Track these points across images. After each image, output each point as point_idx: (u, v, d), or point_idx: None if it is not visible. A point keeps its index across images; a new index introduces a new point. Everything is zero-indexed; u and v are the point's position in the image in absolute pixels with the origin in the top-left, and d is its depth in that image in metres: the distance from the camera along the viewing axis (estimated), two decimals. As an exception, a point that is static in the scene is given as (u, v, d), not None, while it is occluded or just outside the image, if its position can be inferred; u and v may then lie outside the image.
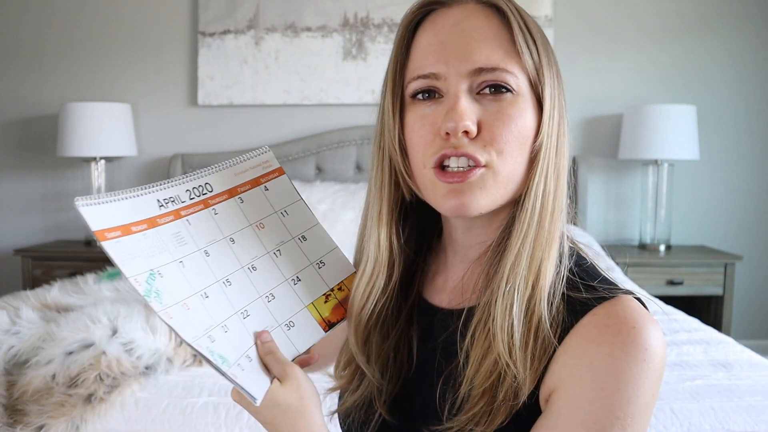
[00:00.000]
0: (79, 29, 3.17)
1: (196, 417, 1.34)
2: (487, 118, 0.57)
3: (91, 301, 1.81)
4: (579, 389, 0.53)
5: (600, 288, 0.57)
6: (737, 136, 3.02)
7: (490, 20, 0.58)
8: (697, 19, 2.98)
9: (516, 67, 0.57)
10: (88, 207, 0.55)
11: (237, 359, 0.58)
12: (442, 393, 0.60)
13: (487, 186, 0.57)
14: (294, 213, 0.70)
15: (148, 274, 0.56)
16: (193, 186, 0.64)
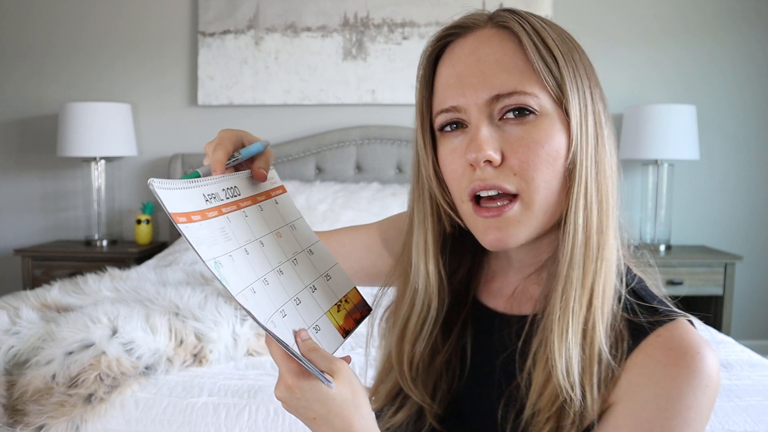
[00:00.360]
0: (79, 29, 3.17)
1: (196, 417, 1.34)
2: (512, 144, 0.56)
3: (91, 301, 1.80)
4: (640, 406, 0.54)
5: (660, 309, 0.57)
6: (737, 136, 3.02)
7: (504, 44, 0.57)
8: (697, 20, 2.98)
9: (535, 87, 0.55)
10: (164, 191, 0.56)
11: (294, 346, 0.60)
12: (504, 414, 0.60)
13: (523, 218, 0.57)
14: (300, 228, 0.73)
15: (214, 262, 0.57)
16: (227, 186, 0.65)
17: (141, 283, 2.00)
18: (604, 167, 0.57)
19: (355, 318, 0.70)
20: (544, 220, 0.58)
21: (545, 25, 0.58)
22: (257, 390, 1.40)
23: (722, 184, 3.03)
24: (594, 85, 0.58)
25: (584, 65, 0.58)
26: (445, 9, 3.04)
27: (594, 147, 0.57)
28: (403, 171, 3.06)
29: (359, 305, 0.73)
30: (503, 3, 3.01)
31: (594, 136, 0.57)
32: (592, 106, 0.57)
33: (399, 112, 3.11)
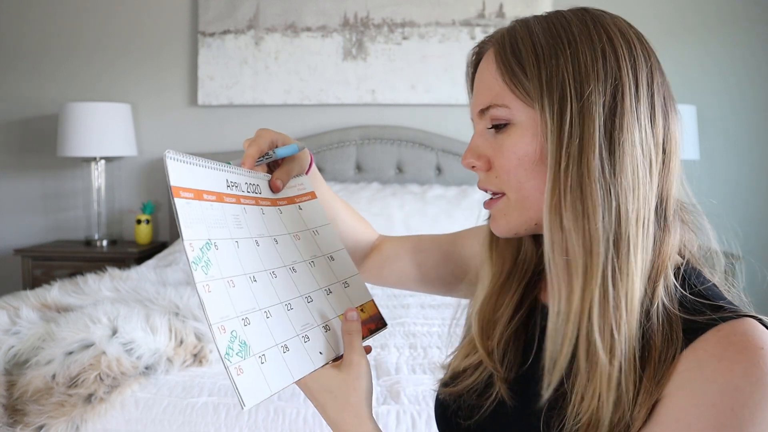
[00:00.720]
0: (79, 29, 3.17)
1: (196, 417, 1.34)
2: (495, 153, 0.62)
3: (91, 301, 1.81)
4: (688, 401, 0.50)
5: (726, 307, 0.54)
6: (737, 136, 3.02)
7: (489, 62, 0.62)
8: (697, 20, 2.98)
9: (509, 97, 0.60)
10: (174, 162, 0.58)
11: (264, 348, 0.58)
12: (546, 420, 0.58)
13: (505, 212, 0.63)
14: (323, 234, 0.76)
15: (205, 243, 0.58)
16: (250, 181, 0.68)
17: (141, 283, 2.00)
18: (591, 166, 0.54)
19: (370, 328, 0.71)
20: (529, 215, 0.61)
21: (534, 29, 0.59)
22: (257, 390, 1.39)
23: (722, 184, 3.03)
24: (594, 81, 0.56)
25: (576, 62, 0.56)
26: (445, 9, 3.04)
27: (577, 145, 0.55)
28: (403, 171, 3.06)
29: (375, 317, 0.74)
30: (503, 3, 3.01)
31: (578, 134, 0.55)
32: (576, 103, 0.56)
33: (399, 112, 3.11)
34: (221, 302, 0.57)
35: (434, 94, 3.06)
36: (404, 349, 1.65)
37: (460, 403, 0.68)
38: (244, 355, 0.56)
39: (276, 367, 0.58)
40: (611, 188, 0.54)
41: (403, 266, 0.89)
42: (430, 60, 3.05)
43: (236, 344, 0.56)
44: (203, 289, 0.56)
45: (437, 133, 3.05)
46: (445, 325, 1.84)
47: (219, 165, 0.64)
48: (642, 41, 0.60)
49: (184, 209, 0.57)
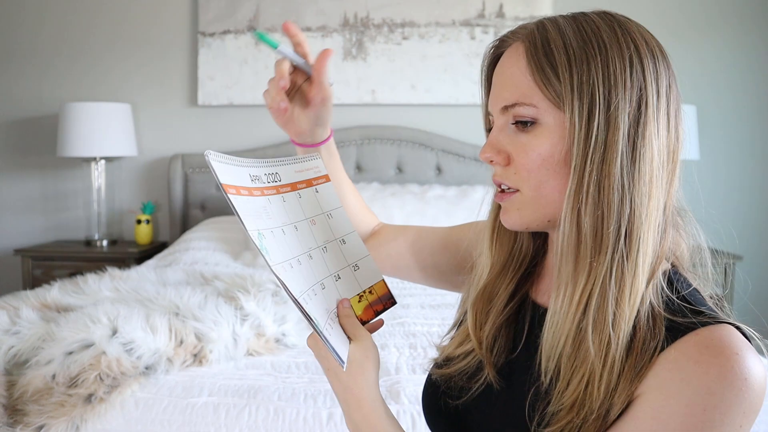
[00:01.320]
0: (79, 30, 3.17)
1: (196, 417, 1.34)
2: (514, 149, 0.62)
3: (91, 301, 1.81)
4: (663, 400, 0.53)
5: (707, 312, 0.56)
6: (737, 136, 3.02)
7: (518, 59, 0.62)
8: (697, 20, 2.98)
9: (535, 97, 0.60)
10: (217, 162, 0.62)
11: (324, 323, 0.65)
12: (531, 404, 0.61)
13: (518, 206, 0.64)
14: (336, 217, 0.78)
15: (258, 233, 0.62)
16: (269, 171, 0.71)
17: (141, 283, 2.00)
18: (611, 172, 0.57)
19: (376, 309, 0.76)
20: (544, 212, 0.62)
21: (572, 30, 0.60)
22: (257, 390, 1.40)
23: (722, 184, 3.03)
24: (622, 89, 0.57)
25: (606, 70, 0.58)
26: (445, 9, 3.04)
27: (601, 152, 0.57)
28: (403, 171, 3.06)
29: (384, 297, 0.78)
30: (503, 3, 3.01)
31: (602, 141, 0.57)
32: (604, 111, 0.57)
33: (399, 112, 3.11)
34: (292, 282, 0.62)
35: (434, 94, 3.06)
36: (404, 349, 1.65)
37: (450, 384, 0.72)
38: (320, 328, 0.62)
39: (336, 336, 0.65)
40: (628, 195, 0.57)
41: (400, 252, 0.91)
42: (430, 60, 3.05)
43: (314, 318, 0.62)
44: (278, 270, 0.61)
45: (437, 133, 3.05)
46: (445, 325, 1.84)
47: (240, 162, 0.67)
48: (663, 52, 0.62)
49: (237, 202, 0.61)
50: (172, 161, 3.09)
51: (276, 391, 1.39)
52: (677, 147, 0.61)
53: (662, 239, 0.60)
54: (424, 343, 1.70)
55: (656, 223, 0.58)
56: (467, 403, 0.70)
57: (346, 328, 0.69)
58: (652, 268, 0.58)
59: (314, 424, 1.31)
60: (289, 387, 1.41)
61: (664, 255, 0.60)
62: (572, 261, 0.58)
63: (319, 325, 0.62)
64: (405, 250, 0.91)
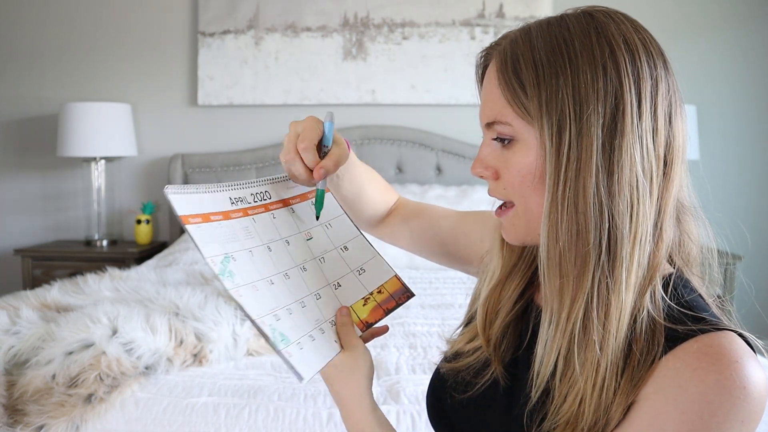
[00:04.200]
0: (79, 29, 3.17)
1: (196, 417, 1.34)
2: (498, 166, 0.63)
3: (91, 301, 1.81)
4: (659, 407, 0.52)
5: (708, 319, 0.55)
6: (737, 136, 3.02)
7: (493, 75, 0.62)
8: (697, 20, 2.98)
9: (509, 115, 0.60)
10: (176, 195, 0.64)
11: (298, 338, 0.65)
12: (530, 413, 0.61)
13: (516, 223, 0.64)
14: (337, 225, 0.79)
15: (223, 257, 0.64)
16: (256, 191, 0.73)
17: (141, 283, 2.00)
18: (586, 187, 0.55)
19: (387, 308, 0.78)
20: (535, 227, 0.61)
21: (536, 44, 0.58)
22: (257, 390, 1.40)
23: (722, 184, 3.03)
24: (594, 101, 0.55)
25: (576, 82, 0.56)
26: (445, 9, 3.04)
27: (574, 168, 0.55)
28: (403, 171, 3.06)
29: (397, 293, 0.80)
30: (503, 3, 3.01)
31: (575, 157, 0.55)
32: (575, 125, 0.55)
33: (399, 112, 3.11)
34: (253, 302, 0.63)
35: (434, 94, 3.06)
36: (404, 349, 1.65)
37: (458, 379, 0.72)
38: (287, 343, 0.63)
39: (312, 350, 0.66)
40: (606, 210, 0.55)
41: (411, 236, 0.93)
42: (430, 60, 3.05)
43: (278, 334, 0.63)
44: (236, 293, 0.62)
45: (437, 133, 3.05)
46: (445, 325, 1.84)
47: (221, 187, 0.69)
48: (647, 48, 0.59)
49: (196, 232, 0.63)
50: (172, 161, 3.09)
51: (276, 391, 1.40)
52: (671, 146, 0.58)
53: (657, 246, 0.57)
54: (424, 343, 1.70)
55: (644, 234, 0.56)
56: (472, 398, 0.70)
57: (341, 337, 0.71)
58: (644, 280, 0.56)
59: (314, 424, 1.31)
60: (289, 387, 1.41)
61: (660, 263, 0.57)
62: (556, 280, 0.57)
63: (280, 343, 0.63)
64: (417, 235, 0.93)
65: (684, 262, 0.63)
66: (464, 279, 2.40)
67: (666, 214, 0.58)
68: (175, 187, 0.64)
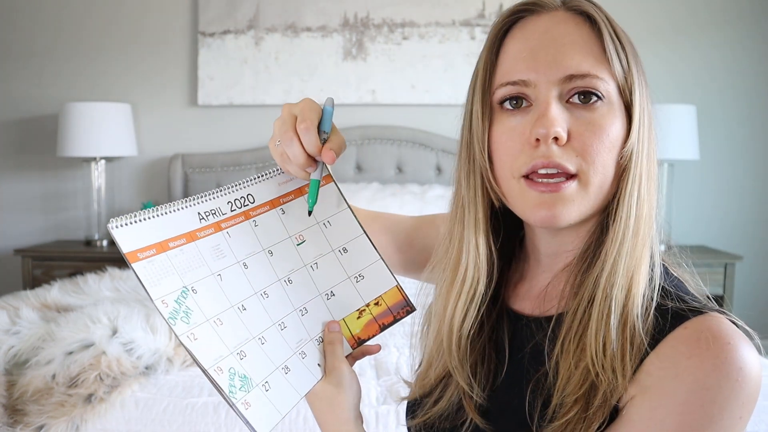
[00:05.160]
0: (79, 29, 3.17)
1: (196, 417, 1.34)
2: (578, 128, 0.56)
3: (91, 301, 1.81)
4: (657, 400, 0.51)
5: (693, 302, 0.55)
6: (737, 136, 3.02)
7: (580, 27, 0.58)
8: (697, 19, 2.98)
9: (606, 73, 0.57)
10: (122, 228, 0.54)
11: (266, 376, 0.58)
12: (531, 402, 0.58)
13: (577, 198, 0.57)
14: (338, 223, 0.70)
15: (180, 293, 0.55)
16: (235, 198, 0.63)
17: (141, 283, 2.00)
18: (653, 162, 0.59)
19: (383, 323, 0.69)
20: (596, 202, 0.58)
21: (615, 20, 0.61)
22: (257, 390, 1.40)
23: (722, 184, 3.02)
24: (647, 87, 0.61)
25: (642, 67, 0.61)
26: (445, 9, 3.04)
27: (647, 141, 0.58)
28: (403, 171, 3.06)
29: (396, 306, 0.71)
30: (503, 3, 3.01)
31: (648, 130, 0.59)
32: (647, 103, 0.59)
33: (399, 112, 3.11)
34: (211, 345, 0.55)
35: (434, 94, 3.06)
36: (404, 349, 1.65)
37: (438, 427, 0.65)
38: (248, 388, 0.56)
39: (281, 390, 0.59)
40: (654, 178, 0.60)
41: None
42: (430, 60, 3.05)
43: (237, 380, 0.55)
44: (188, 339, 0.54)
45: (437, 133, 3.05)
46: (445, 325, 1.84)
47: (187, 202, 0.59)
48: None
49: (145, 270, 0.54)
50: (172, 161, 3.09)
51: (276, 391, 1.39)
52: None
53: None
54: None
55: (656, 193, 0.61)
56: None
57: (326, 357, 0.64)
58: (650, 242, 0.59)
59: (314, 424, 1.31)
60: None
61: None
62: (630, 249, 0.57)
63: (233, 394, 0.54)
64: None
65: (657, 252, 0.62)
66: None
67: None
68: (124, 217, 0.54)
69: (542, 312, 0.63)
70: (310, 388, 0.62)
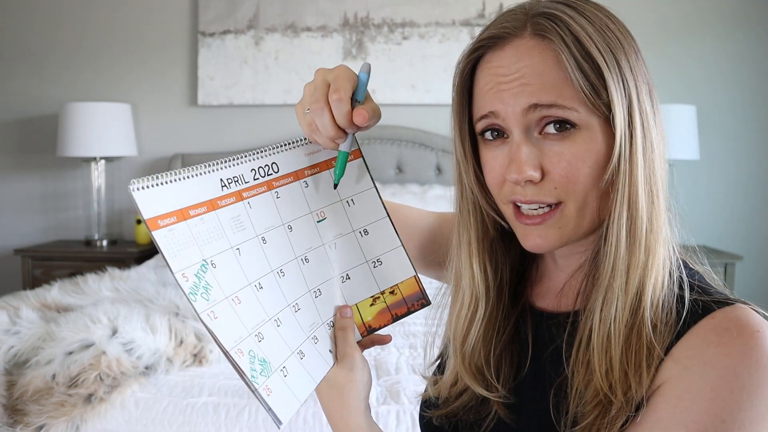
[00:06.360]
0: (79, 29, 3.17)
1: (196, 417, 1.34)
2: (552, 163, 0.55)
3: (91, 301, 1.81)
4: (684, 386, 0.50)
5: (718, 295, 0.55)
6: (737, 136, 3.02)
7: (545, 56, 0.55)
8: (697, 20, 2.98)
9: (575, 101, 0.54)
10: (143, 191, 0.51)
11: (283, 361, 0.56)
12: (555, 404, 0.57)
13: (564, 225, 0.57)
14: (361, 202, 0.66)
15: (200, 266, 0.52)
16: (259, 165, 0.60)
17: (141, 283, 2.01)
18: (654, 168, 0.56)
19: (396, 314, 0.67)
20: (584, 225, 0.58)
21: (588, 23, 0.55)
22: (257, 390, 1.40)
23: (722, 184, 3.02)
24: (642, 83, 0.56)
25: (630, 63, 0.55)
26: (445, 9, 3.04)
27: (642, 150, 0.55)
28: (403, 171, 3.06)
29: (411, 298, 0.68)
30: (503, 3, 3.01)
31: (641, 139, 0.55)
32: (639, 109, 0.55)
33: (399, 112, 3.11)
34: (231, 325, 0.53)
35: (434, 94, 3.06)
36: (404, 349, 1.65)
37: (458, 424, 0.65)
38: (267, 373, 0.54)
39: (298, 376, 0.57)
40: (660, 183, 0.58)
41: None
42: (430, 60, 3.05)
43: (257, 364, 0.54)
44: (209, 317, 0.51)
45: (437, 133, 3.05)
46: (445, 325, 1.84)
47: (210, 166, 0.57)
48: None
49: (165, 239, 0.51)
50: (172, 161, 3.09)
51: (276, 391, 1.39)
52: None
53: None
54: (424, 343, 1.70)
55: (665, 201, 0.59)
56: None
57: (337, 343, 0.63)
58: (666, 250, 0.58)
59: (314, 424, 1.31)
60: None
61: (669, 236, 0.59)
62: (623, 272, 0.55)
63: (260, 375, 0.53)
64: None
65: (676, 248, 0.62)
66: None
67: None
68: (146, 179, 0.51)
69: (562, 308, 0.64)
70: (324, 374, 0.60)
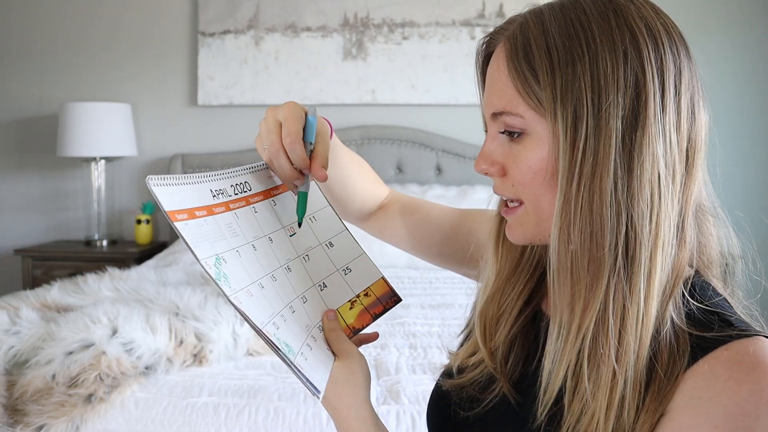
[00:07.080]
0: (79, 30, 3.17)
1: (196, 417, 1.34)
2: (508, 161, 0.57)
3: (91, 301, 1.81)
4: (692, 419, 0.48)
5: (736, 324, 0.51)
6: (737, 136, 3.02)
7: (500, 62, 0.56)
8: (697, 20, 2.98)
9: (522, 106, 0.54)
10: (161, 188, 0.56)
11: (300, 348, 0.59)
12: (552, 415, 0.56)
13: (525, 221, 0.58)
14: (321, 219, 0.72)
15: (215, 258, 0.56)
16: (236, 182, 0.64)
17: (141, 283, 2.00)
18: (604, 186, 0.50)
19: (375, 312, 0.71)
20: (545, 226, 0.56)
21: (549, 28, 0.53)
22: (257, 390, 1.40)
23: (722, 184, 3.02)
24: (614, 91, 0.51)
25: (595, 71, 0.51)
26: (445, 9, 3.04)
27: (591, 164, 0.50)
28: (403, 171, 3.06)
29: (384, 297, 0.73)
30: (503, 3, 3.01)
31: (592, 152, 0.50)
32: (592, 118, 0.51)
33: (399, 112, 3.11)
34: (254, 310, 0.56)
35: (434, 94, 3.06)
36: (404, 349, 1.65)
37: (462, 395, 0.67)
38: (293, 355, 0.57)
39: (314, 360, 0.60)
40: (624, 210, 0.50)
41: (404, 233, 0.87)
42: (430, 60, 3.05)
43: (283, 345, 0.57)
44: (236, 300, 0.55)
45: (437, 133, 3.05)
46: (445, 325, 1.84)
47: (200, 177, 0.61)
48: (670, 34, 0.56)
49: (185, 230, 0.55)
50: (172, 161, 3.09)
51: (276, 391, 1.39)
52: (693, 140, 0.55)
53: (679, 251, 0.53)
54: (424, 343, 1.70)
55: (667, 237, 0.51)
56: (480, 415, 0.64)
57: (331, 343, 0.64)
58: (667, 287, 0.52)
59: (314, 424, 1.31)
60: (289, 387, 1.41)
61: (683, 268, 0.53)
62: (566, 287, 0.53)
63: (289, 355, 0.56)
64: (413, 232, 0.86)
65: (704, 265, 0.58)
66: (465, 278, 2.40)
67: (688, 215, 0.54)
68: (158, 177, 0.56)
69: None
70: (332, 363, 0.63)
